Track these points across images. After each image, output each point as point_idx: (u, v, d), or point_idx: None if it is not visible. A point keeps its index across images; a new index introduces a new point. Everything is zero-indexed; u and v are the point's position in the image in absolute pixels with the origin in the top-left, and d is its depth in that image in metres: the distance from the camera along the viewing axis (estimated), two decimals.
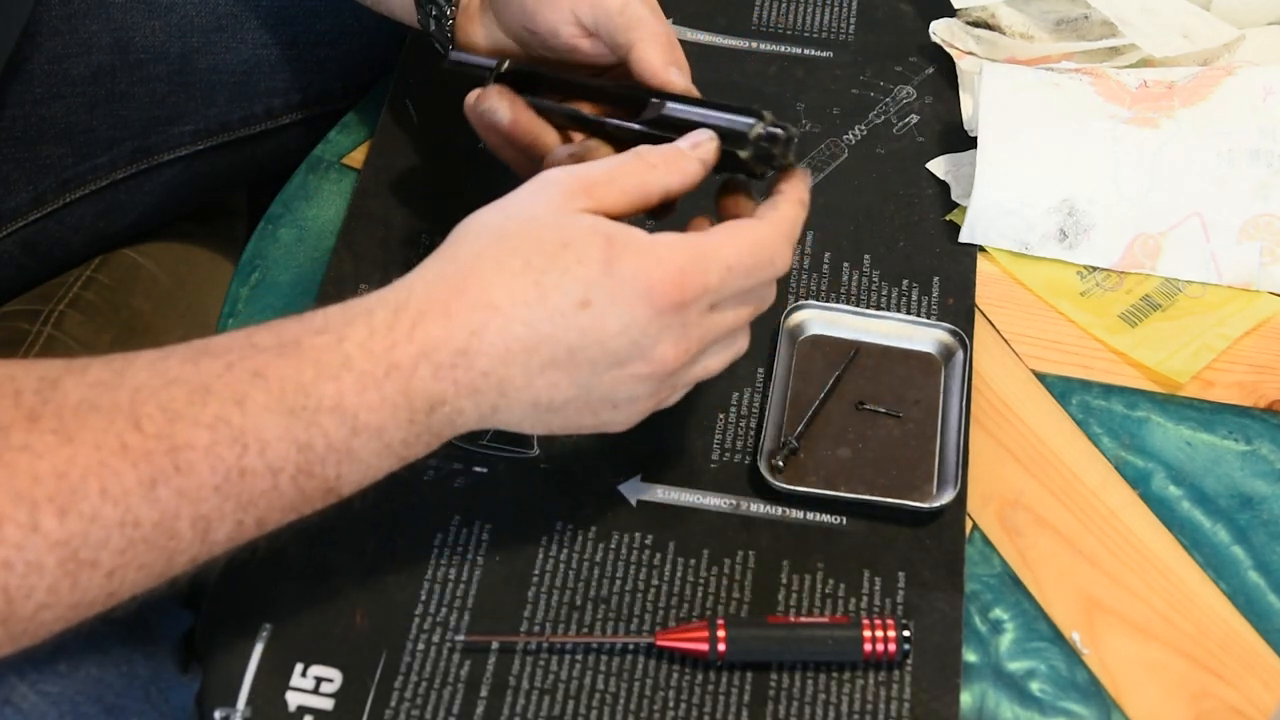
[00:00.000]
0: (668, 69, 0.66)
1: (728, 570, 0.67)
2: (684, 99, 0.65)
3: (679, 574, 0.67)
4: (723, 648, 0.63)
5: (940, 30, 0.89)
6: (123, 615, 0.52)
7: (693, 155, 0.61)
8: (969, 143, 0.84)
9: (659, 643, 0.64)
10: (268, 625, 0.64)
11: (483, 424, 0.57)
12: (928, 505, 0.69)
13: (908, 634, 0.64)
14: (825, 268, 0.79)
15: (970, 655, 0.66)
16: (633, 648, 0.65)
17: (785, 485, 0.69)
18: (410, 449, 0.56)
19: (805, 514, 0.69)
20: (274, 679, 0.63)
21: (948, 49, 0.89)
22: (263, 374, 0.52)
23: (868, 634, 0.63)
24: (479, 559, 0.67)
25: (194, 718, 0.62)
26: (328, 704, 0.63)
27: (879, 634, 0.63)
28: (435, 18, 0.74)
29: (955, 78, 0.88)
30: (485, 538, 0.68)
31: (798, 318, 0.76)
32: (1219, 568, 0.69)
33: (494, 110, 0.67)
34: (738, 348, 0.62)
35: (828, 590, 0.67)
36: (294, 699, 0.63)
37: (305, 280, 0.79)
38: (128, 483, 0.49)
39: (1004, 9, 0.88)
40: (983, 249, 0.81)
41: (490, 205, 0.58)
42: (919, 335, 0.75)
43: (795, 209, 0.62)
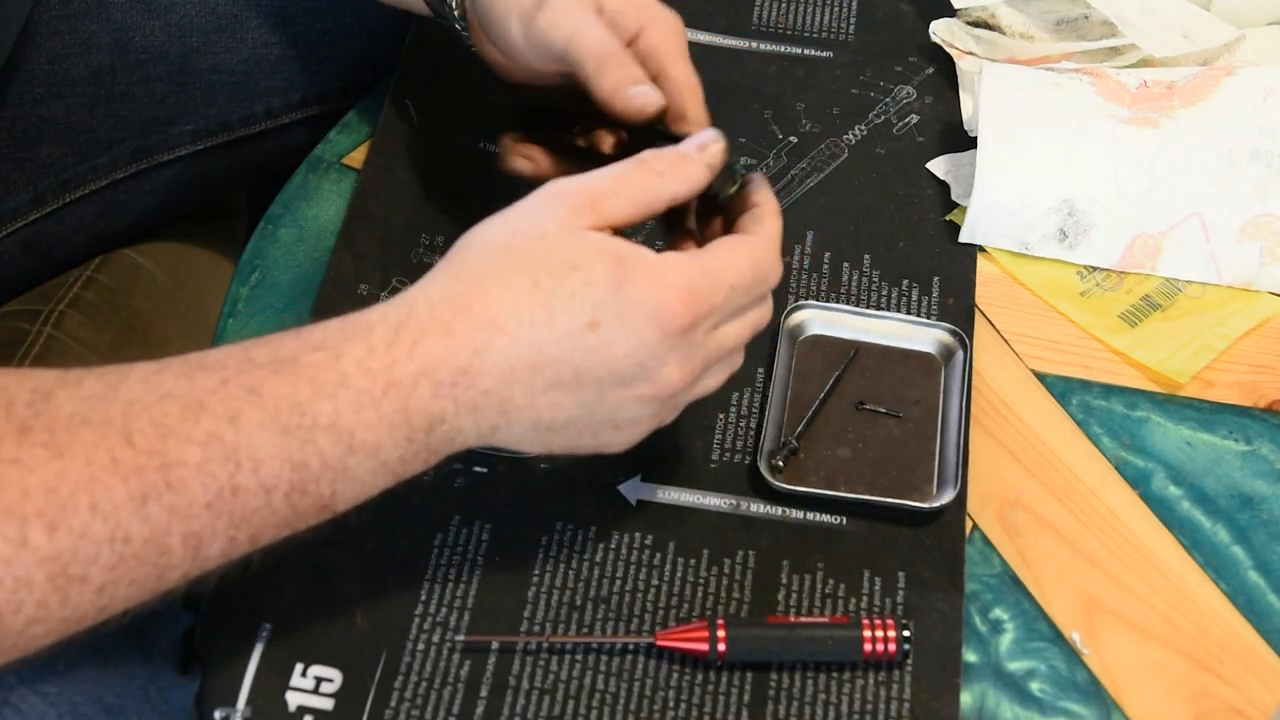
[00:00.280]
0: (615, 95, 0.64)
1: (728, 570, 0.67)
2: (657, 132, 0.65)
3: (679, 574, 0.67)
4: (723, 648, 0.63)
5: (940, 30, 0.89)
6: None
7: (699, 160, 0.60)
8: (969, 143, 0.84)
9: (659, 643, 0.64)
10: (268, 625, 0.64)
11: (482, 442, 0.57)
12: (928, 505, 0.69)
13: (908, 634, 0.64)
14: (825, 268, 0.79)
15: (970, 655, 0.66)
16: (633, 648, 0.65)
17: (785, 485, 0.69)
18: (407, 466, 0.55)
19: (805, 514, 0.69)
20: (274, 679, 0.63)
21: (948, 49, 0.89)
22: (258, 391, 0.51)
23: (868, 634, 0.63)
24: (479, 559, 0.67)
25: (194, 718, 0.62)
26: (328, 704, 0.63)
27: (879, 634, 0.63)
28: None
29: (955, 78, 0.88)
30: (485, 538, 0.68)
31: (798, 318, 0.76)
32: (1219, 568, 0.69)
33: (518, 169, 0.69)
34: (734, 365, 0.62)
35: (828, 590, 0.67)
36: (294, 699, 0.63)
37: (305, 280, 0.79)
38: (118, 498, 0.48)
39: (1004, 9, 0.88)
40: (983, 249, 0.81)
41: (495, 217, 0.58)
42: (919, 335, 0.75)
43: (777, 219, 0.61)
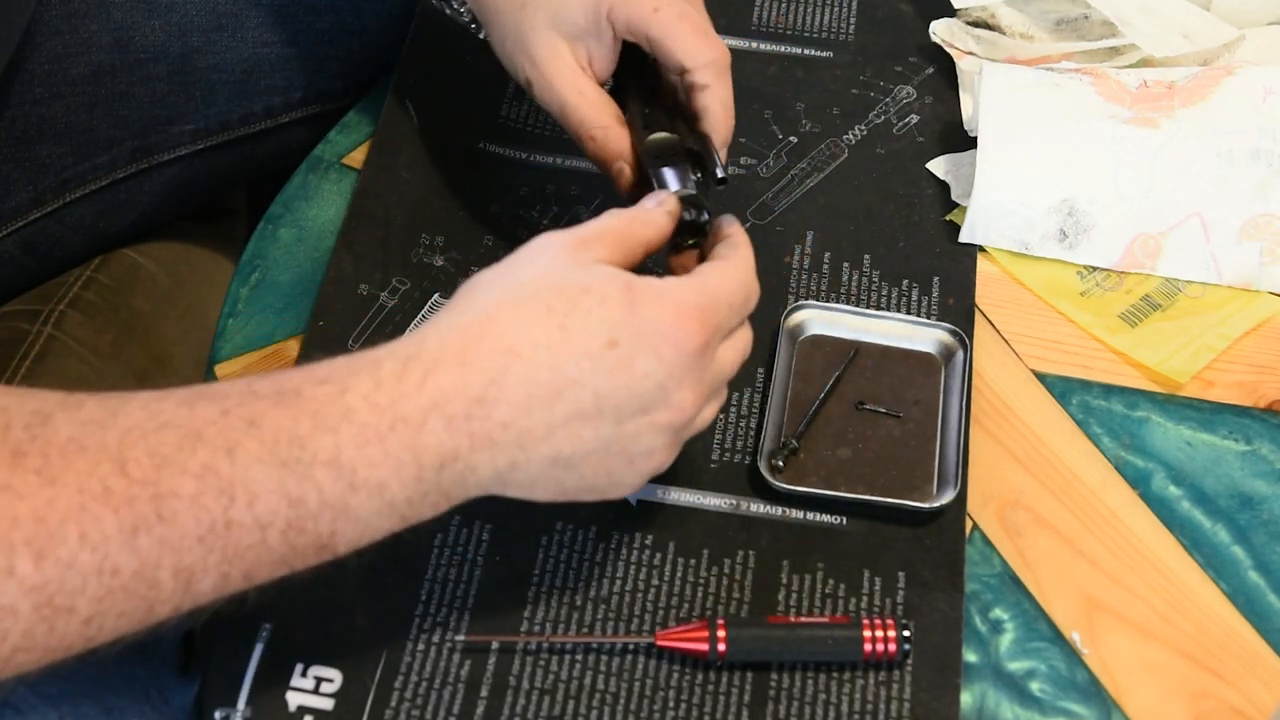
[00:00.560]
0: (597, 163, 0.70)
1: (728, 570, 0.67)
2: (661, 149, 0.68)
3: (679, 574, 0.67)
4: (723, 648, 0.63)
5: (940, 30, 0.89)
6: None
7: (659, 211, 0.62)
8: (969, 143, 0.84)
9: (659, 643, 0.64)
10: (268, 625, 0.64)
11: (496, 482, 0.55)
12: (928, 505, 0.69)
13: (908, 634, 0.64)
14: (825, 268, 0.79)
15: (970, 655, 0.66)
16: (633, 648, 0.65)
17: (785, 485, 0.69)
18: (415, 509, 0.54)
19: (805, 514, 0.69)
20: (274, 679, 0.63)
21: (948, 49, 0.89)
22: (257, 423, 0.50)
23: (868, 634, 0.63)
24: (479, 559, 0.67)
25: (193, 718, 0.62)
26: (328, 704, 0.63)
27: (879, 634, 0.63)
28: None
29: (955, 78, 0.88)
30: (485, 538, 0.68)
31: (798, 318, 0.76)
32: (1219, 568, 0.69)
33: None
34: (723, 397, 0.62)
35: (828, 590, 0.67)
36: (294, 699, 0.63)
37: (305, 280, 0.79)
38: (108, 529, 0.47)
39: (1004, 9, 0.88)
40: (983, 249, 0.81)
41: (494, 266, 0.58)
42: (919, 335, 0.76)
43: (749, 246, 0.63)
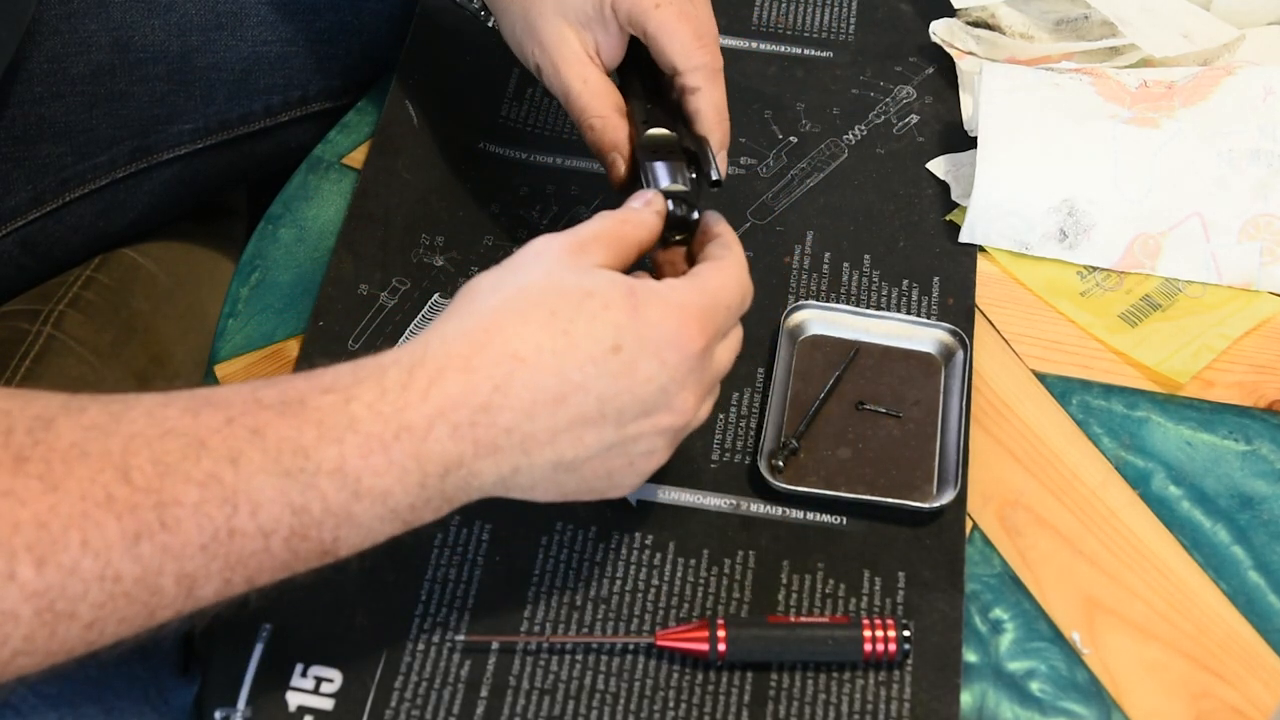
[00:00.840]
0: (596, 152, 0.70)
1: (728, 570, 0.67)
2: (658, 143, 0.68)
3: (679, 574, 0.67)
4: (723, 648, 0.63)
5: (940, 30, 0.89)
6: None
7: (649, 211, 0.63)
8: (969, 143, 0.84)
9: (659, 643, 0.64)
10: (268, 625, 0.64)
11: (499, 487, 0.56)
12: (928, 505, 0.69)
13: (908, 634, 0.64)
14: (825, 268, 0.79)
15: (970, 655, 0.66)
16: (633, 648, 0.65)
17: (785, 485, 0.69)
18: (417, 514, 0.54)
19: (805, 514, 0.69)
20: (274, 679, 0.63)
21: (948, 49, 0.89)
22: (261, 432, 0.50)
23: (868, 634, 0.63)
24: (479, 559, 0.67)
25: (193, 718, 0.62)
26: (328, 704, 0.63)
27: (879, 634, 0.63)
28: None
29: (955, 78, 0.88)
30: (485, 538, 0.68)
31: (798, 318, 0.76)
32: (1219, 568, 0.69)
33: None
34: (717, 393, 0.63)
35: (828, 590, 0.67)
36: (294, 699, 0.63)
37: (305, 280, 0.79)
38: (110, 536, 0.47)
39: (1004, 9, 0.88)
40: (983, 249, 0.81)
41: (493, 269, 0.58)
42: (919, 335, 0.76)
43: (739, 245, 0.63)
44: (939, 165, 0.84)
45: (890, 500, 0.69)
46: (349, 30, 0.93)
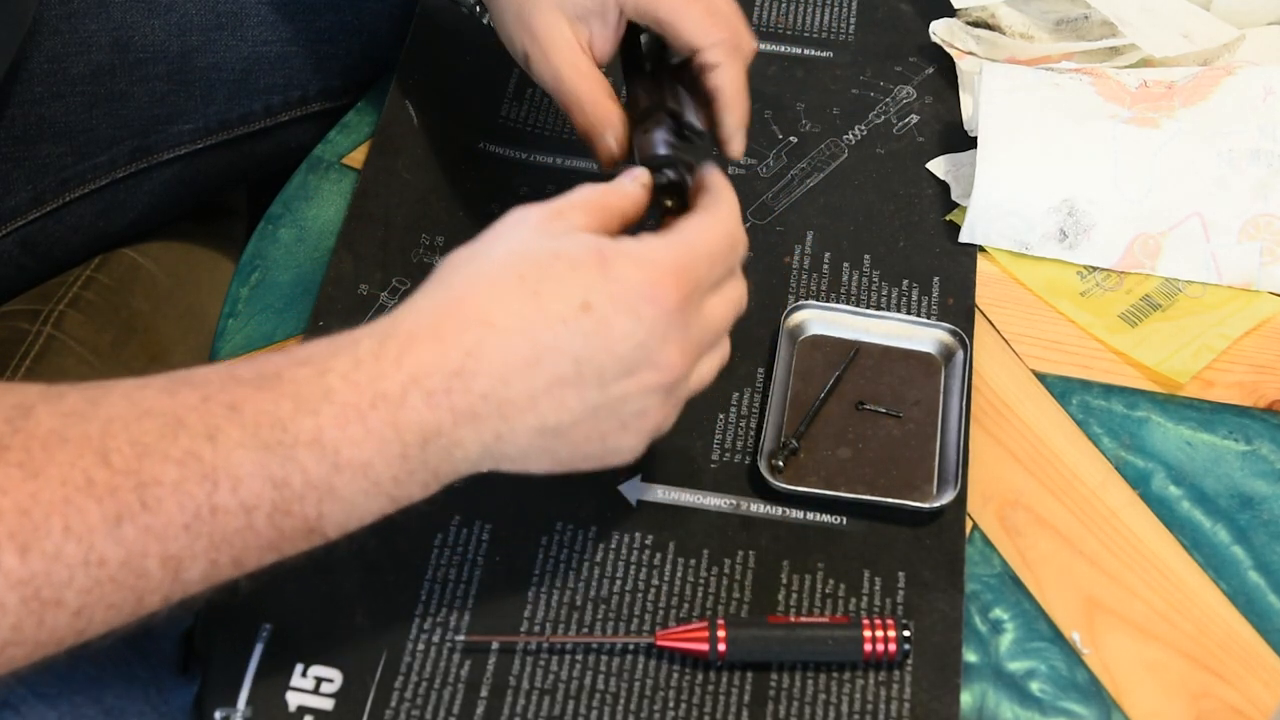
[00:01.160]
0: (587, 138, 0.70)
1: (728, 570, 0.67)
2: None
3: (679, 574, 0.67)
4: (723, 648, 0.63)
5: (940, 30, 0.89)
6: None
7: (633, 182, 0.62)
8: (969, 143, 0.84)
9: (659, 643, 0.64)
10: (268, 625, 0.64)
11: (485, 457, 0.55)
12: (928, 505, 0.69)
13: (908, 634, 0.64)
14: (825, 268, 0.79)
15: (970, 655, 0.66)
16: (633, 648, 0.65)
17: (785, 485, 0.69)
18: (403, 488, 0.54)
19: (805, 514, 0.69)
20: (274, 679, 0.63)
21: (948, 49, 0.89)
22: (238, 407, 0.50)
23: (868, 634, 0.63)
24: (479, 559, 0.67)
25: (193, 718, 0.62)
26: (328, 704, 0.63)
27: (879, 634, 0.63)
28: None
29: (955, 78, 0.88)
30: (485, 538, 0.68)
31: (798, 318, 0.76)
32: (1219, 568, 0.69)
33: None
34: (724, 352, 0.62)
35: (828, 590, 0.67)
36: (294, 699, 0.63)
37: (305, 280, 0.79)
38: (92, 520, 0.47)
39: (1004, 9, 0.88)
40: (983, 249, 0.81)
41: (469, 243, 0.58)
42: (919, 335, 0.76)
43: (731, 191, 0.62)
44: (939, 165, 0.84)
45: (890, 500, 0.69)
46: (349, 30, 0.93)
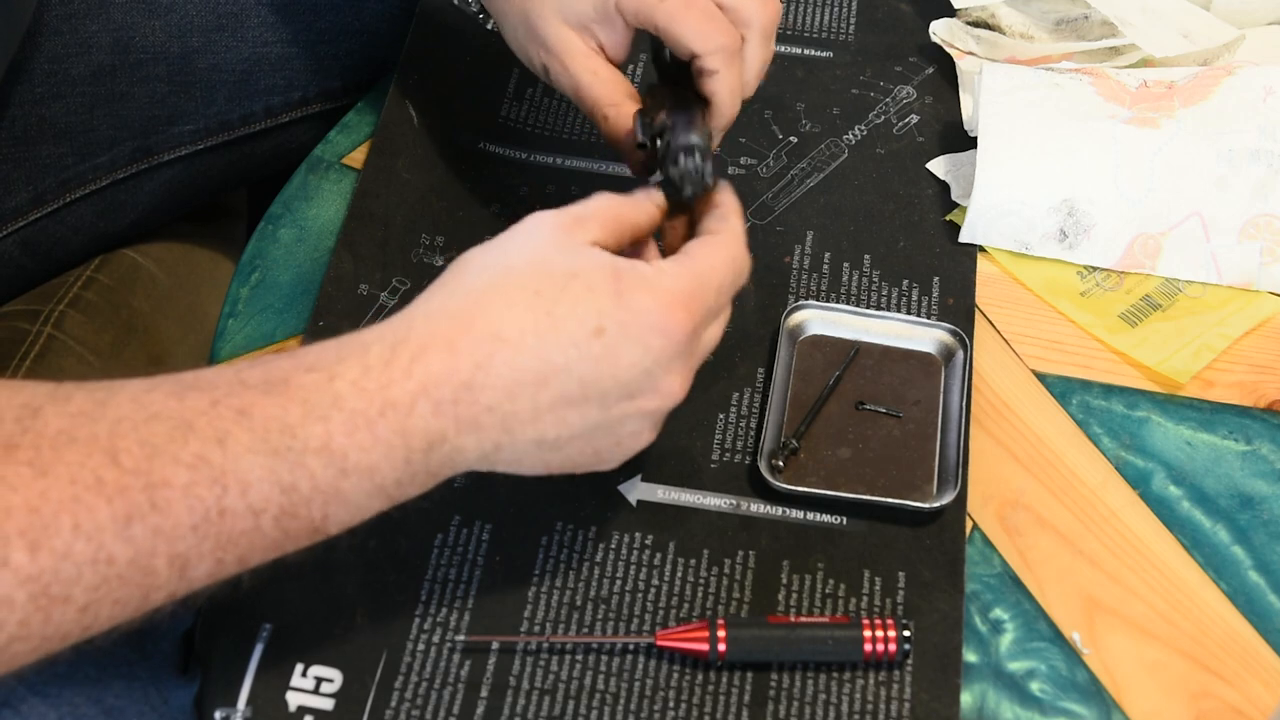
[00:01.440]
0: (610, 140, 0.70)
1: (728, 570, 0.67)
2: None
3: (679, 574, 0.67)
4: (723, 648, 0.63)
5: (940, 30, 0.89)
6: None
7: (649, 200, 0.63)
8: (969, 143, 0.84)
9: (659, 643, 0.64)
10: (268, 625, 0.64)
11: (483, 462, 0.56)
12: (928, 505, 0.69)
13: (908, 634, 0.64)
14: (825, 268, 0.79)
15: (970, 655, 0.66)
16: (633, 648, 0.65)
17: (785, 485, 0.69)
18: (404, 489, 0.54)
19: (805, 514, 0.69)
20: (274, 679, 0.63)
21: (948, 49, 0.89)
22: (248, 412, 0.51)
23: (868, 634, 0.63)
24: (479, 559, 0.67)
25: (193, 718, 0.62)
26: (328, 704, 0.63)
27: (879, 634, 0.63)
28: None
29: (955, 78, 0.88)
30: (485, 538, 0.68)
31: (798, 318, 0.76)
32: (1219, 568, 0.69)
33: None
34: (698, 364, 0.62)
35: (828, 590, 0.67)
36: (294, 699, 0.63)
37: (305, 280, 0.79)
38: (101, 519, 0.48)
39: (1004, 9, 0.88)
40: (983, 249, 0.81)
41: (484, 244, 0.58)
42: (919, 335, 0.76)
43: (740, 217, 0.63)
44: (939, 165, 0.84)
45: (890, 500, 0.69)
46: (349, 30, 0.93)
